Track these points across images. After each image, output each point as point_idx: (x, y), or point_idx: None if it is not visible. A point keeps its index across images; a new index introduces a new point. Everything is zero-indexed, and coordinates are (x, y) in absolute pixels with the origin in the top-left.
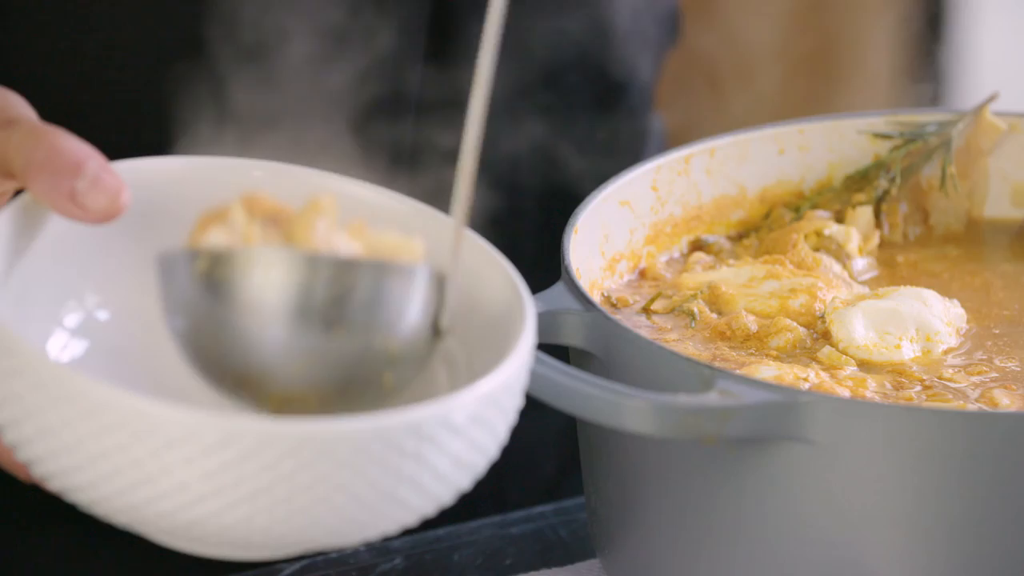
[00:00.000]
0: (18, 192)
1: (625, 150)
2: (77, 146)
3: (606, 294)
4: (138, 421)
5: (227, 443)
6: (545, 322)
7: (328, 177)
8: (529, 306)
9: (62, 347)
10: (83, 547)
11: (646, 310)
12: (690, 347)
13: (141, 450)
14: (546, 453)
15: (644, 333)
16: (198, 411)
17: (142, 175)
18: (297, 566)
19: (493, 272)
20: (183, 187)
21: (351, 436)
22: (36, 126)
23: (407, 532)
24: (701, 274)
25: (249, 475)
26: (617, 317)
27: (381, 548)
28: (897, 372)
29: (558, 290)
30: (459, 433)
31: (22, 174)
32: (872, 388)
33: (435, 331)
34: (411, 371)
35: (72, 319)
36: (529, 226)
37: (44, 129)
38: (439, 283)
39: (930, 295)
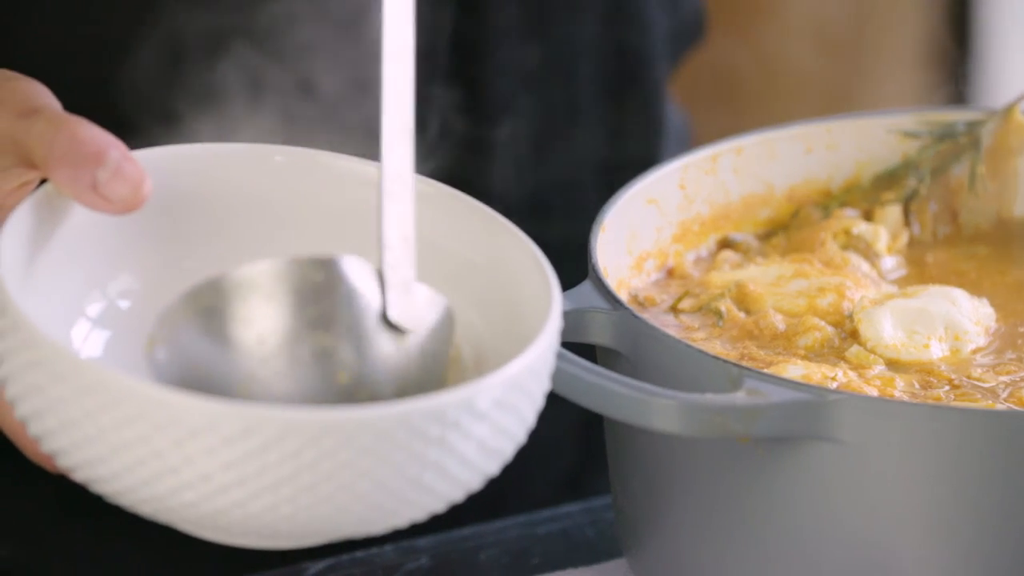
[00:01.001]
0: (42, 182)
1: (638, 141)
2: (99, 135)
3: (633, 293)
4: (159, 412)
5: (249, 433)
6: (572, 321)
7: (351, 161)
8: (556, 290)
9: (84, 337)
10: (107, 542)
11: (673, 309)
12: (718, 346)
13: (163, 441)
14: (567, 446)
15: (672, 332)
16: (219, 401)
17: (163, 163)
18: (322, 565)
19: (520, 255)
20: (204, 175)
21: (374, 423)
22: (58, 115)
23: (433, 531)
24: (729, 273)
25: (272, 464)
26: (644, 316)
27: (407, 547)
28: (925, 371)
29: (585, 289)
30: (484, 418)
31: (44, 164)
32: (900, 387)
33: (389, 326)
34: (382, 371)
35: (94, 308)
36: (539, 216)
37: (65, 118)
38: (370, 275)
39: (959, 294)
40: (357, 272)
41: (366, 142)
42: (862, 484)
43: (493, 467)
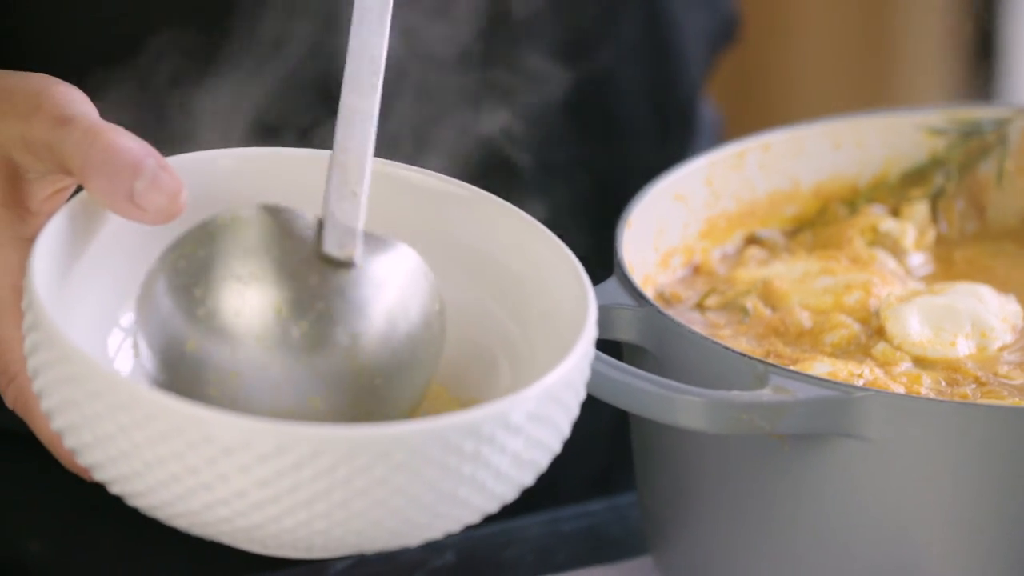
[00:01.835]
0: (78, 188)
1: (674, 142)
2: (135, 145)
3: (659, 289)
4: (193, 430)
5: (282, 451)
6: (598, 317)
7: (381, 163)
8: (592, 299)
9: (118, 347)
10: (135, 538)
11: (700, 306)
12: (744, 343)
13: (197, 458)
14: (599, 446)
15: (698, 329)
16: (253, 419)
17: (198, 168)
18: (348, 562)
19: (556, 261)
20: (239, 181)
21: (407, 440)
22: (93, 124)
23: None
24: (755, 270)
25: (306, 481)
26: (670, 312)
27: (432, 544)
28: (952, 369)
29: (611, 285)
30: (519, 432)
31: (80, 173)
32: (927, 385)
33: (328, 260)
34: (330, 311)
35: (129, 318)
36: (579, 219)
37: (102, 127)
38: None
39: (986, 291)
40: (303, 221)
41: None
42: (888, 481)
43: (528, 478)
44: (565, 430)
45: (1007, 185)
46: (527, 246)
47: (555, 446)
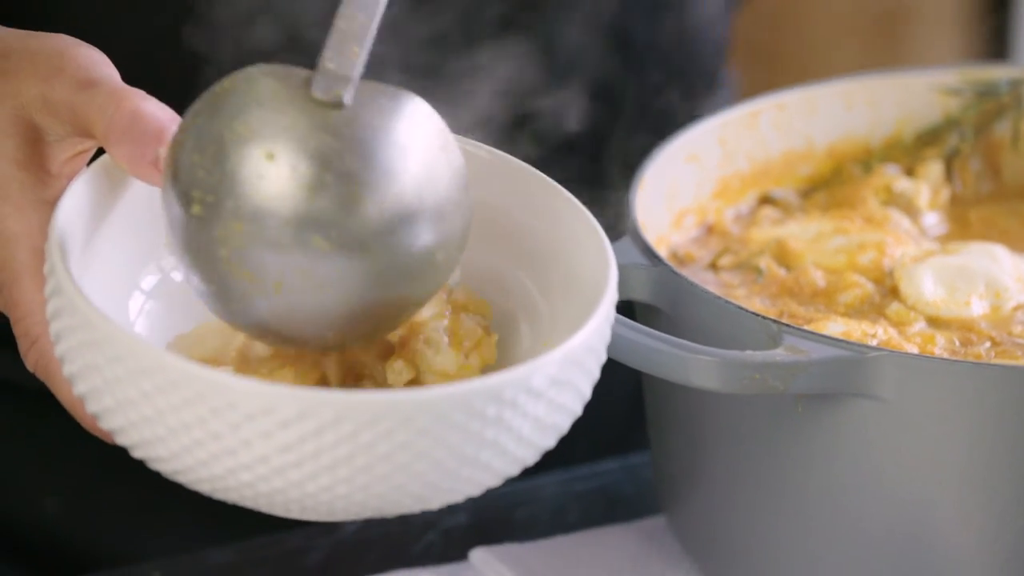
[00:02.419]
0: (99, 150)
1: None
2: (159, 111)
3: (673, 249)
4: (216, 395)
5: (305, 416)
6: None
7: None
8: (612, 263)
9: (139, 309)
10: (152, 501)
11: (713, 265)
12: (757, 303)
13: (220, 424)
14: (612, 406)
15: (711, 288)
16: (275, 385)
17: None
18: (359, 522)
19: (577, 224)
20: None
21: (430, 405)
22: (118, 88)
23: None
24: (769, 229)
25: (328, 447)
26: (684, 272)
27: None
28: (966, 328)
29: (624, 245)
30: (541, 396)
31: (104, 138)
32: (940, 345)
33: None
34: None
35: (149, 281)
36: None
37: (126, 92)
38: None
39: (1000, 251)
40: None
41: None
42: (901, 441)
43: (549, 442)
44: (586, 393)
45: (1022, 147)
46: (548, 209)
47: (576, 409)
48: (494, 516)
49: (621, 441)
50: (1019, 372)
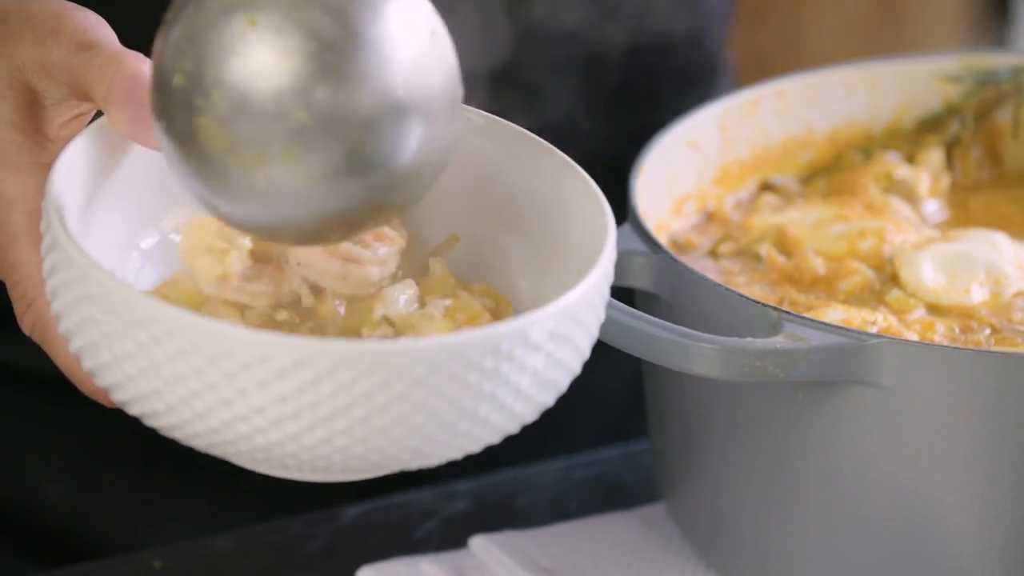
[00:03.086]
0: (97, 113)
1: (694, 90)
2: None
3: (673, 236)
4: (212, 345)
5: (301, 365)
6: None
7: None
8: (610, 219)
9: (137, 270)
10: (153, 488)
11: (713, 252)
12: (757, 290)
13: (216, 374)
14: (612, 393)
15: (711, 276)
16: (271, 334)
17: None
18: (361, 508)
19: (574, 184)
20: None
21: (427, 355)
22: (117, 51)
23: (471, 475)
24: (769, 216)
25: (325, 397)
26: (684, 259)
27: (445, 491)
28: (966, 316)
29: (624, 232)
30: (538, 350)
31: (103, 101)
32: (940, 332)
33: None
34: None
35: (148, 242)
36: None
37: (125, 54)
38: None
39: (1000, 238)
40: None
41: None
42: (902, 428)
43: (548, 398)
44: (585, 351)
45: (1023, 133)
46: (544, 171)
47: (575, 366)
48: (494, 503)
49: (620, 428)
50: (1019, 359)
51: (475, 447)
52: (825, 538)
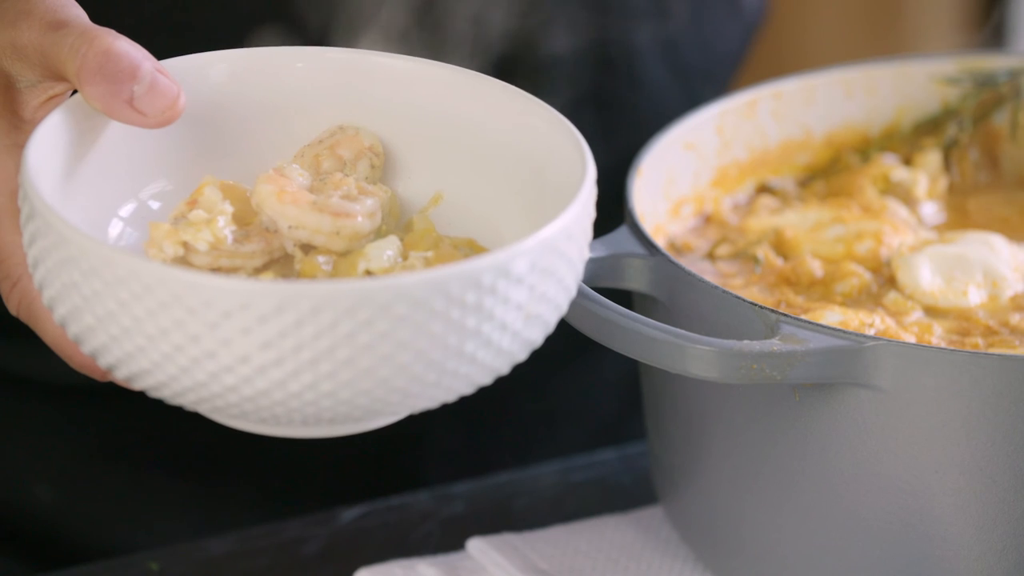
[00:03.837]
0: (72, 94)
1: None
2: (131, 49)
3: (670, 238)
4: (192, 295)
5: (282, 309)
6: (608, 266)
7: (368, 55)
8: (588, 156)
9: (118, 235)
10: (145, 486)
11: (711, 255)
12: (755, 292)
13: (198, 324)
14: (609, 395)
15: (709, 278)
16: (251, 280)
17: (191, 71)
18: (358, 511)
19: (551, 127)
20: (233, 83)
21: (407, 291)
22: (88, 28)
23: (468, 478)
24: (766, 219)
25: (308, 340)
26: (681, 262)
27: (443, 494)
28: (963, 318)
29: (622, 234)
30: (521, 283)
31: (77, 78)
32: (938, 334)
33: None
34: None
35: (128, 209)
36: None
37: (97, 31)
38: None
39: (998, 240)
40: None
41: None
42: (899, 430)
43: (536, 335)
44: (570, 286)
45: (1021, 137)
46: (520, 117)
47: (561, 302)
48: (491, 506)
49: (615, 429)
50: (1016, 361)
51: (466, 388)
52: (822, 540)
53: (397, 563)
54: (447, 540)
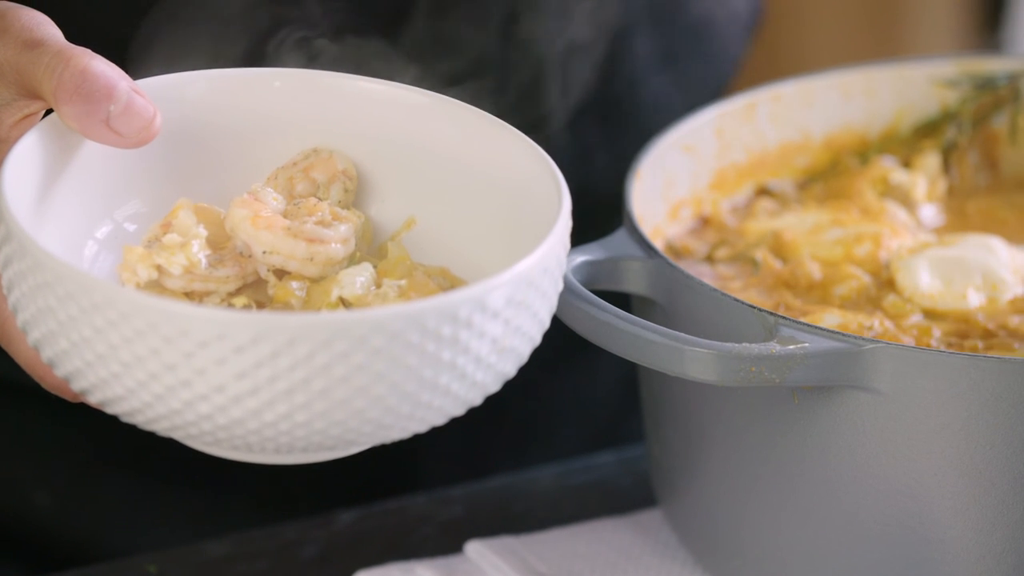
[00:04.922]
0: (47, 112)
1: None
2: (108, 69)
3: (669, 241)
4: (168, 324)
5: (259, 340)
6: (607, 268)
7: (346, 78)
8: (564, 189)
9: (94, 258)
10: (141, 492)
11: (709, 258)
12: (753, 295)
13: (174, 353)
14: (607, 398)
15: (707, 281)
16: (228, 311)
17: (167, 91)
18: (356, 514)
19: (527, 158)
20: (209, 103)
21: (383, 324)
22: (64, 48)
23: (467, 481)
24: (765, 221)
25: (284, 371)
26: (680, 264)
27: (441, 497)
28: (962, 321)
29: (620, 237)
30: (496, 316)
31: (52, 98)
32: (937, 337)
33: None
34: None
35: (103, 231)
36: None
37: (73, 51)
38: None
39: (996, 243)
40: None
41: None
42: (898, 433)
43: (509, 367)
44: (544, 319)
45: (1020, 140)
46: (495, 145)
47: (535, 335)
48: (489, 509)
49: (614, 431)
50: (1015, 364)
51: (438, 419)
52: (821, 543)
53: (395, 566)
54: (445, 543)
